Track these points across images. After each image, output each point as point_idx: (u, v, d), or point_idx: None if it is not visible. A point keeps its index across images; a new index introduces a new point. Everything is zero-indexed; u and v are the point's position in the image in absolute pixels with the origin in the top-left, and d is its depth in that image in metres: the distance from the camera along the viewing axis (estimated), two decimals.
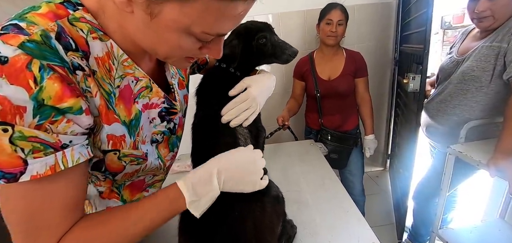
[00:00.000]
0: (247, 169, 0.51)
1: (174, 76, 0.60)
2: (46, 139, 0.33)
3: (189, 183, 0.46)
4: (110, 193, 0.54)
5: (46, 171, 0.33)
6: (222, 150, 0.57)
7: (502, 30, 1.08)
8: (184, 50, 0.40)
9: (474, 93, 1.16)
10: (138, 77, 0.47)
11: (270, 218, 0.57)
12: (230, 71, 0.66)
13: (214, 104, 0.61)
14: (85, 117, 0.36)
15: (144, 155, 0.50)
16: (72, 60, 0.35)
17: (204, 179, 0.47)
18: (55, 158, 0.34)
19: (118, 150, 0.45)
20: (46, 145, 0.33)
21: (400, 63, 1.95)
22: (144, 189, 0.61)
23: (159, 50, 0.40)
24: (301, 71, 1.57)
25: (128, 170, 0.50)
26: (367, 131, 1.56)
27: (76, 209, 0.40)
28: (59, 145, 0.34)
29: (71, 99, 0.34)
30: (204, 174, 0.48)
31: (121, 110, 0.44)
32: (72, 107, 0.34)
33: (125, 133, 0.45)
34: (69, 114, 0.34)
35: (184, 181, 0.46)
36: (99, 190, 0.53)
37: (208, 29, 0.36)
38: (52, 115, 0.33)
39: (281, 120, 1.38)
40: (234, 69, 0.66)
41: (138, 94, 0.47)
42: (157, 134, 0.54)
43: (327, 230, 0.73)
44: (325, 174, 1.01)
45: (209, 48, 0.42)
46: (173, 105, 0.56)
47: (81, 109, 0.35)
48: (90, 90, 0.38)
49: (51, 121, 0.33)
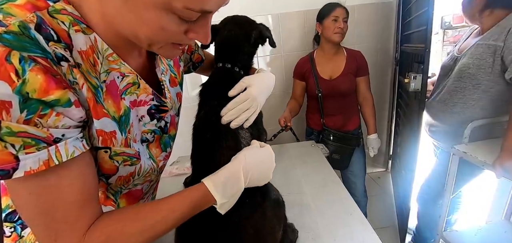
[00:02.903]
0: (267, 165, 0.55)
1: (165, 72, 0.57)
2: (36, 133, 0.32)
3: (218, 185, 0.47)
4: (105, 199, 0.52)
5: (40, 167, 0.32)
6: (223, 152, 0.55)
7: (497, 29, 1.07)
8: (168, 33, 0.38)
9: (471, 91, 1.15)
10: (124, 73, 0.45)
11: (270, 223, 0.54)
12: (235, 70, 0.65)
13: (215, 105, 0.60)
14: (75, 110, 0.35)
15: (137, 153, 0.48)
16: (54, 50, 0.33)
17: (232, 179, 0.48)
18: (48, 153, 0.33)
19: (109, 148, 0.43)
20: (38, 140, 0.32)
21: (401, 63, 1.93)
22: (141, 198, 0.59)
23: (140, 33, 0.38)
24: (302, 71, 1.55)
25: (122, 173, 0.47)
26: (370, 131, 1.54)
27: (90, 202, 0.39)
28: (51, 139, 0.33)
29: (57, 91, 0.32)
30: (232, 174, 0.49)
31: (109, 105, 0.42)
32: (59, 99, 0.33)
33: (116, 129, 0.43)
34: (57, 107, 0.33)
35: (213, 183, 0.47)
36: None
37: (190, 4, 0.34)
38: (40, 109, 0.31)
39: (283, 121, 1.36)
40: (239, 69, 0.65)
41: (124, 91, 0.45)
42: (148, 133, 0.52)
43: (330, 234, 0.71)
44: (327, 176, 0.99)
45: (195, 31, 0.40)
46: (163, 103, 0.53)
47: (69, 101, 0.34)
48: (77, 81, 0.36)
49: (40, 115, 0.32)
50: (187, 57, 0.76)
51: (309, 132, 1.64)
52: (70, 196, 0.36)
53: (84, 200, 0.38)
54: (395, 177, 2.07)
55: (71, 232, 0.37)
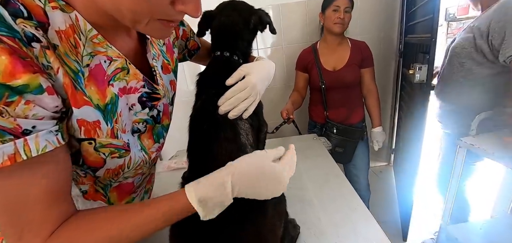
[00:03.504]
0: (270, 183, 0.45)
1: (157, 58, 0.53)
2: (1, 124, 0.28)
3: (201, 197, 0.40)
4: (95, 193, 0.49)
5: (4, 162, 0.28)
6: (221, 145, 0.52)
7: (484, 13, 1.11)
8: (152, 5, 0.34)
9: (459, 70, 1.20)
10: (111, 57, 0.41)
11: (271, 220, 0.51)
12: (234, 59, 0.62)
13: (212, 94, 0.56)
14: (48, 98, 0.31)
15: (125, 145, 0.44)
16: (24, 29, 0.30)
17: (217, 190, 0.41)
18: (14, 146, 0.29)
19: (93, 139, 0.39)
20: (2, 131, 0.28)
21: (405, 55, 1.89)
22: (133, 192, 0.56)
23: (123, 8, 0.34)
24: (305, 63, 1.51)
25: (111, 166, 0.44)
26: (375, 123, 1.51)
27: (61, 201, 0.36)
28: (19, 131, 0.29)
29: (25, 75, 0.28)
30: (217, 184, 0.42)
31: (92, 92, 0.38)
32: (28, 85, 0.29)
33: (100, 118, 0.39)
34: (27, 93, 0.29)
35: (196, 193, 0.40)
36: (82, 189, 0.47)
37: None
38: (6, 95, 0.28)
39: (286, 113, 1.32)
40: (238, 57, 0.62)
41: (112, 76, 0.42)
42: (139, 122, 0.48)
43: (333, 230, 0.68)
44: (329, 170, 0.96)
45: (183, 2, 0.36)
46: (155, 90, 0.50)
47: (41, 88, 0.30)
48: (51, 65, 0.33)
49: (6, 102, 0.28)
50: (182, 44, 0.72)
51: (312, 125, 1.61)
52: (38, 196, 0.33)
53: (53, 199, 0.34)
54: (398, 171, 2.04)
55: (37, 232, 0.33)
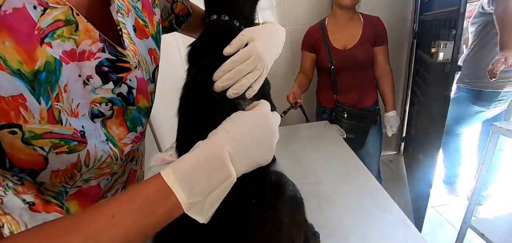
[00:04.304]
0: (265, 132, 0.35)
1: (125, 12, 0.38)
2: None
3: (183, 174, 0.28)
4: (45, 204, 0.35)
5: None
6: None
7: None
8: None
9: None
10: (46, 2, 0.27)
11: (288, 232, 0.38)
12: (234, 24, 0.48)
13: (206, 66, 0.42)
14: None
15: (77, 134, 0.30)
16: None
17: (208, 165, 0.29)
18: None
19: (18, 126, 0.25)
20: None
21: (419, 36, 1.73)
22: (103, 197, 0.42)
23: None
24: (312, 41, 1.35)
25: (58, 166, 0.30)
26: (388, 107, 1.37)
27: None
28: None
29: None
30: (207, 157, 0.30)
31: (7, 50, 0.24)
32: None
33: (24, 92, 0.26)
34: None
35: (175, 172, 0.28)
36: (26, 201, 0.33)
37: None
38: None
39: (292, 97, 1.18)
40: (239, 23, 0.49)
41: (49, 32, 0.27)
42: (101, 103, 0.34)
43: (361, 237, 0.54)
44: (348, 162, 0.82)
45: None
46: (122, 56, 0.35)
47: None
48: None
49: None
50: (167, 6, 0.56)
51: (321, 110, 1.46)
52: None
53: None
54: (409, 161, 1.92)
55: None
